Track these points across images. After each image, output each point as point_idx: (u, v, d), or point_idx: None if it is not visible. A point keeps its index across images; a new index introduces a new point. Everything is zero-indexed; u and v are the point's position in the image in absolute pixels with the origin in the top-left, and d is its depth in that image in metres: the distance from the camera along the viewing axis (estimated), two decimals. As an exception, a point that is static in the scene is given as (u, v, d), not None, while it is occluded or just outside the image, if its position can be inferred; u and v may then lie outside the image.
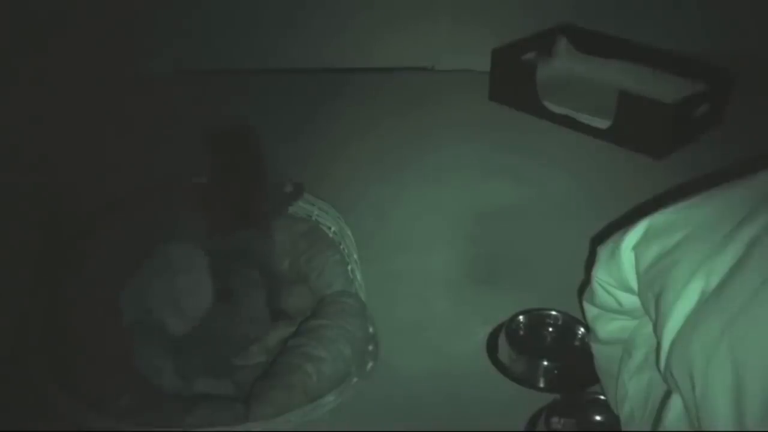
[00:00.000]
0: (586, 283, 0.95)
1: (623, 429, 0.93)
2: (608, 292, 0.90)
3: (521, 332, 1.19)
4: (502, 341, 1.16)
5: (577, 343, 1.18)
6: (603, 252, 0.89)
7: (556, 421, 1.01)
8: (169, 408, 0.95)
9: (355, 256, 1.20)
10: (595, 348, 1.00)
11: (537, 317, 1.21)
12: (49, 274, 1.09)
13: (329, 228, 1.26)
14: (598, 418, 1.03)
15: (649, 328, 0.84)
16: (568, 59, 1.85)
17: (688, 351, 0.72)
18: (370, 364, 1.05)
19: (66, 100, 1.54)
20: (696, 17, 1.95)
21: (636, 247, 0.84)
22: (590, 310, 0.96)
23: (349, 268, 1.20)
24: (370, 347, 1.08)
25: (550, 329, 1.21)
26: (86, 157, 1.49)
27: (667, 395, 0.80)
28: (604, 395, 1.01)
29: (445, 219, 1.47)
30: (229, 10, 1.99)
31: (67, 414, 0.89)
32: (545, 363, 1.12)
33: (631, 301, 0.88)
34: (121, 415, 0.91)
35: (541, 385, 1.11)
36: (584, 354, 1.06)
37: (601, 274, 0.90)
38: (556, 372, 1.12)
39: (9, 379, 1.02)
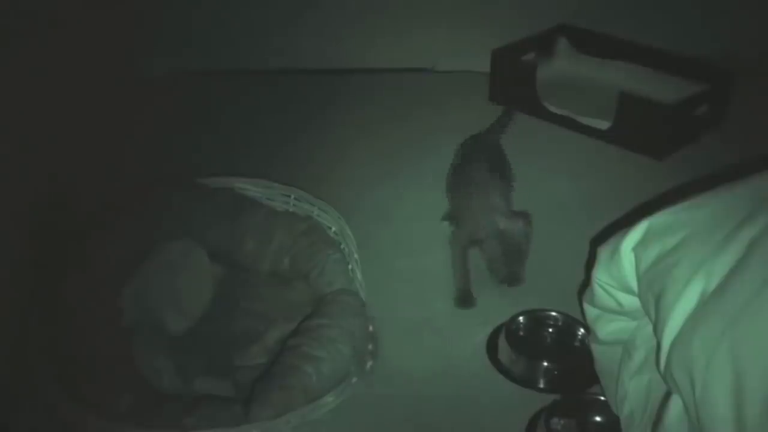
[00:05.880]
0: (586, 284, 0.95)
1: (623, 429, 0.93)
2: (608, 293, 0.90)
3: (521, 333, 1.19)
4: (502, 342, 1.16)
5: (577, 343, 1.18)
6: (603, 253, 0.89)
7: (556, 422, 1.01)
8: (169, 408, 0.95)
9: (356, 255, 1.20)
10: (595, 348, 0.99)
11: (537, 318, 1.21)
12: (50, 274, 1.09)
13: (330, 228, 1.26)
14: (598, 418, 1.03)
15: (649, 328, 0.83)
16: (568, 59, 1.85)
17: (688, 352, 0.72)
18: (369, 363, 1.05)
19: (66, 100, 1.54)
20: (696, 17, 1.95)
21: (636, 248, 0.84)
22: (590, 311, 0.96)
23: (350, 267, 1.20)
24: (370, 346, 1.08)
25: (550, 330, 1.20)
26: (86, 157, 1.49)
27: (667, 396, 0.80)
28: (604, 395, 1.01)
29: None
30: (230, 11, 1.99)
31: (67, 414, 0.89)
32: (545, 364, 1.12)
33: (631, 301, 0.88)
34: (121, 416, 0.91)
35: (541, 385, 1.11)
36: (584, 355, 1.06)
37: (601, 275, 0.90)
38: (556, 373, 1.12)
39: (10, 379, 1.02)
